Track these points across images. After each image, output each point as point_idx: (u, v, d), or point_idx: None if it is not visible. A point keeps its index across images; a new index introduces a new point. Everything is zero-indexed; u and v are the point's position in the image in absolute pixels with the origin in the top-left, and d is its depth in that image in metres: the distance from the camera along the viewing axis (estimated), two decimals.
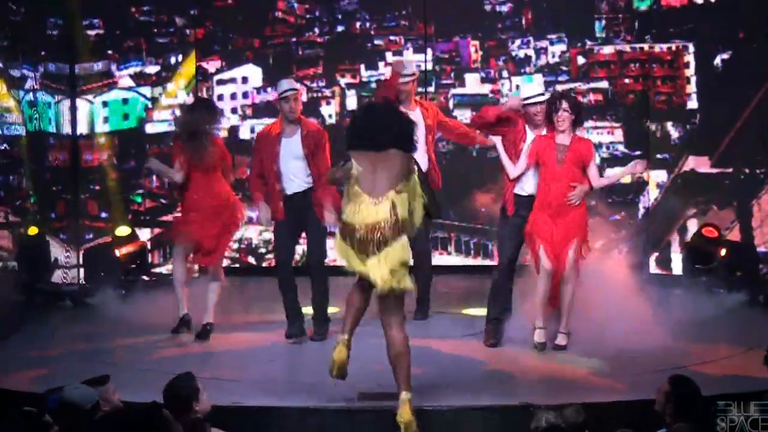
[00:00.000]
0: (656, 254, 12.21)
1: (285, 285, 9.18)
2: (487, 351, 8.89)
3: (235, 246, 12.45)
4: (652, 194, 12.30)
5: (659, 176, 12.28)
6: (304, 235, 9.36)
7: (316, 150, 9.09)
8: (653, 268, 12.10)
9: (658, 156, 12.26)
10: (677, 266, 11.93)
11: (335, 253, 7.24)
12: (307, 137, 9.13)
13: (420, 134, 8.07)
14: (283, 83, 9.31)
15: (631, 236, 12.05)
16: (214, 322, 9.34)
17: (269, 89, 12.45)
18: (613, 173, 9.30)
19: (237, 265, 12.62)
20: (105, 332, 9.63)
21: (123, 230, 11.76)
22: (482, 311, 9.34)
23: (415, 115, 9.07)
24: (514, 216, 8.98)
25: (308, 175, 9.13)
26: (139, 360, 8.56)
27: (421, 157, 8.84)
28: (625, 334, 8.56)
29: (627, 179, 11.85)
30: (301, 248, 9.96)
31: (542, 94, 8.92)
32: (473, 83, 12.67)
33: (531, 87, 9.01)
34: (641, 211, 12.32)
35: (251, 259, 12.86)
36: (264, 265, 12.69)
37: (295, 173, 9.14)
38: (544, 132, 8.93)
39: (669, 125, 12.26)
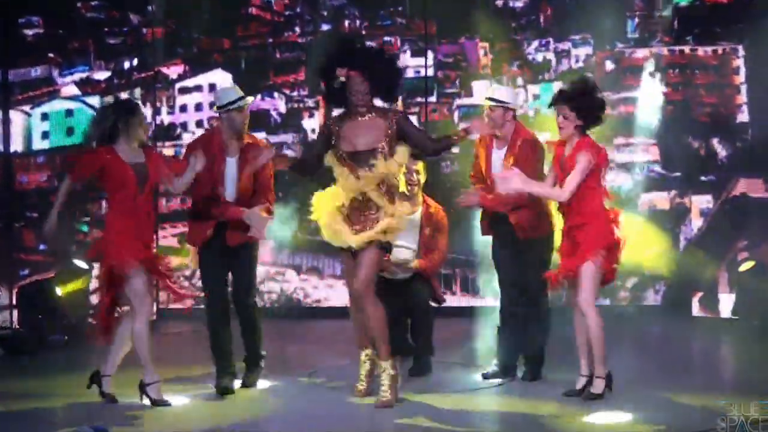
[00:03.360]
0: (700, 294, 11.38)
1: (218, 322, 8.33)
2: None
3: None
4: (695, 223, 11.55)
5: (704, 202, 11.56)
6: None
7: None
8: (696, 311, 11.32)
9: (703, 178, 11.57)
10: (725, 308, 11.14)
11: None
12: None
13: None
14: (230, 92, 8.34)
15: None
16: None
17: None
18: None
19: None
20: (44, 386, 8.61)
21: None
22: None
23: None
24: None
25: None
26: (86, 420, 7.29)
27: None
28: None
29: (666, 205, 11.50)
30: None
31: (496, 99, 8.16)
32: (482, 92, 11.37)
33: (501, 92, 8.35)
34: (682, 242, 11.59)
35: None
36: None
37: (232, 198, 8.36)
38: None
39: (715, 142, 11.58)
